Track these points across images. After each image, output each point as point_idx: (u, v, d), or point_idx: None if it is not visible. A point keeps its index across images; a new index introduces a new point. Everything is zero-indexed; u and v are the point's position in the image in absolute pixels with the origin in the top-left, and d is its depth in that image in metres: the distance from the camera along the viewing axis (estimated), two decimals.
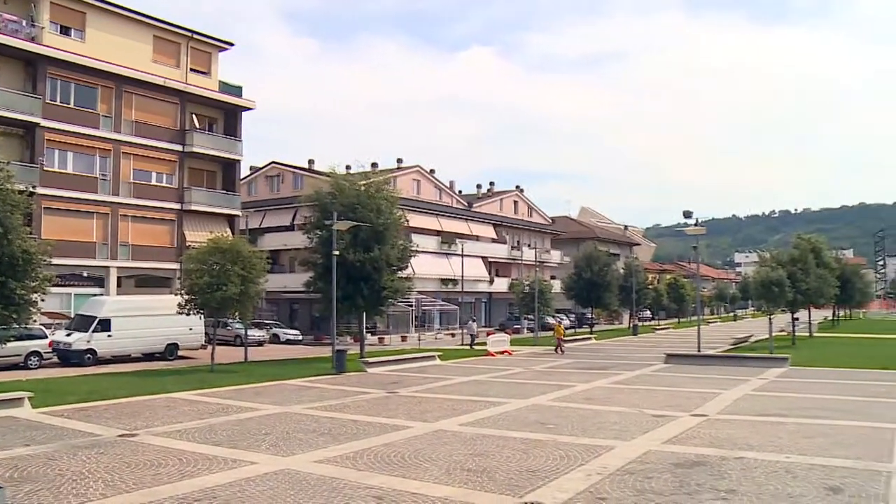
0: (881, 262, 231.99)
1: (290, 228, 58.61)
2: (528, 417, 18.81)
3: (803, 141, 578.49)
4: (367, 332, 43.67)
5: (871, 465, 13.09)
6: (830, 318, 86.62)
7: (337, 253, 32.47)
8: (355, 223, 33.35)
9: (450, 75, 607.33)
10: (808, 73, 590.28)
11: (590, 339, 55.36)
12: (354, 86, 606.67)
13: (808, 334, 57.62)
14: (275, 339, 51.74)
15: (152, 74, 44.85)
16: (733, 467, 12.95)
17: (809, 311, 58.03)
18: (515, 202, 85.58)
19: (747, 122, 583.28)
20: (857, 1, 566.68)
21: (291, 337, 53.01)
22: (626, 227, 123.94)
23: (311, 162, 68.57)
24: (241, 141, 50.62)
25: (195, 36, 47.97)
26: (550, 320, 68.17)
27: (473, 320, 51.87)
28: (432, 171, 73.26)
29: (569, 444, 14.98)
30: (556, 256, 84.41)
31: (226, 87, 49.98)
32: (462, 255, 59.69)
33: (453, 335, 59.13)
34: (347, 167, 42.95)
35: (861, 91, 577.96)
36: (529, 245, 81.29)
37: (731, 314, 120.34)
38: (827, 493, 11.29)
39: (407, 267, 39.13)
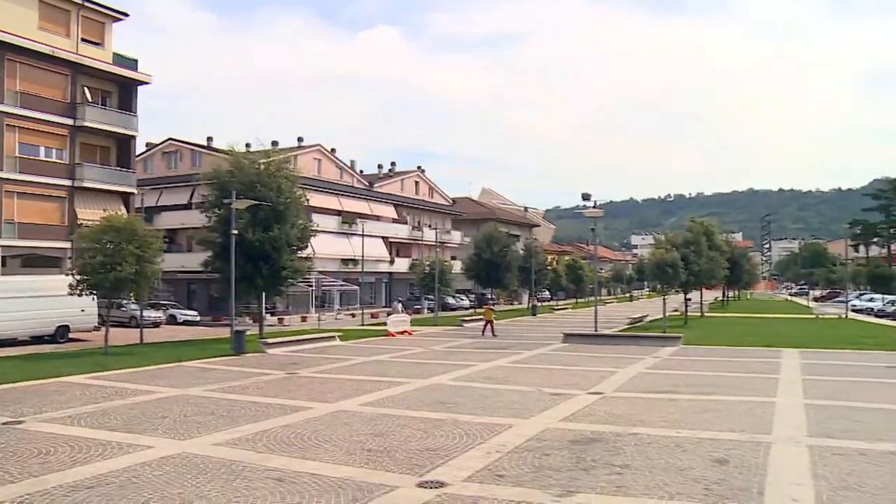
0: (767, 246, 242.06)
1: (188, 207, 57.18)
2: (429, 397, 18.95)
3: (696, 127, 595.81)
4: (266, 313, 43.14)
5: (754, 438, 13.73)
6: (720, 298, 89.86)
7: (236, 232, 31.95)
8: (255, 202, 32.85)
9: (354, 54, 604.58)
10: (701, 62, 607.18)
11: None
12: (256, 62, 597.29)
13: (699, 314, 59.63)
14: (172, 321, 50.66)
15: (39, 43, 42.58)
16: (628, 443, 13.35)
17: (701, 292, 60.12)
18: (417, 182, 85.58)
19: (644, 107, 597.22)
20: None
21: (189, 318, 52.02)
22: (526, 208, 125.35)
23: (209, 139, 66.99)
24: (136, 116, 48.91)
25: (86, 4, 45.85)
26: (450, 300, 68.71)
27: (399, 301, 51.54)
28: (333, 151, 72.59)
29: (469, 423, 15.16)
30: (456, 237, 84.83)
31: (120, 60, 48.12)
32: (363, 236, 59.35)
33: (354, 315, 58.92)
34: (247, 145, 42.22)
35: (749, 79, 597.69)
36: (430, 225, 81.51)
37: (628, 295, 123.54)
38: (714, 464, 11.80)
39: (307, 247, 38.77)
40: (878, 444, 13.35)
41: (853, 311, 66.20)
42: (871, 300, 73.55)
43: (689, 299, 55.78)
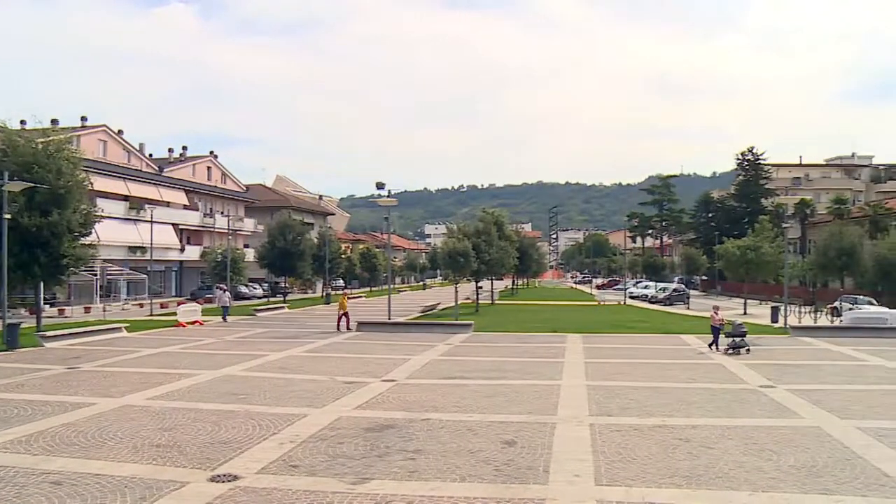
0: (554, 236, 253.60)
1: None
2: (221, 388, 18.50)
3: (489, 119, 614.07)
4: (45, 304, 40.50)
5: (541, 419, 14.45)
6: (510, 286, 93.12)
7: (8, 216, 29.73)
8: (31, 184, 30.67)
9: (145, 31, 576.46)
10: (494, 57, 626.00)
11: (283, 307, 55.18)
12: (37, 34, 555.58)
13: (490, 302, 61.57)
14: None
15: None
16: (420, 428, 13.65)
17: (492, 281, 62.07)
18: (209, 168, 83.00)
19: (440, 98, 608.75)
20: None
21: None
22: (320, 196, 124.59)
23: None
24: None
25: None
26: (243, 289, 67.19)
27: (224, 290, 49.26)
28: (120, 132, 68.97)
29: (262, 414, 14.96)
30: (249, 224, 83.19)
31: None
32: (152, 222, 56.83)
33: (142, 306, 56.45)
34: (22, 122, 39.37)
35: (539, 76, 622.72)
36: (223, 212, 79.45)
37: (421, 283, 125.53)
38: (503, 446, 12.31)
39: (90, 233, 36.60)
40: (649, 419, 14.62)
41: (631, 297, 70.75)
42: (646, 287, 78.97)
43: (481, 287, 57.54)
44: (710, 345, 27.78)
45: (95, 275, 53.85)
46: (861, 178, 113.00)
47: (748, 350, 26.23)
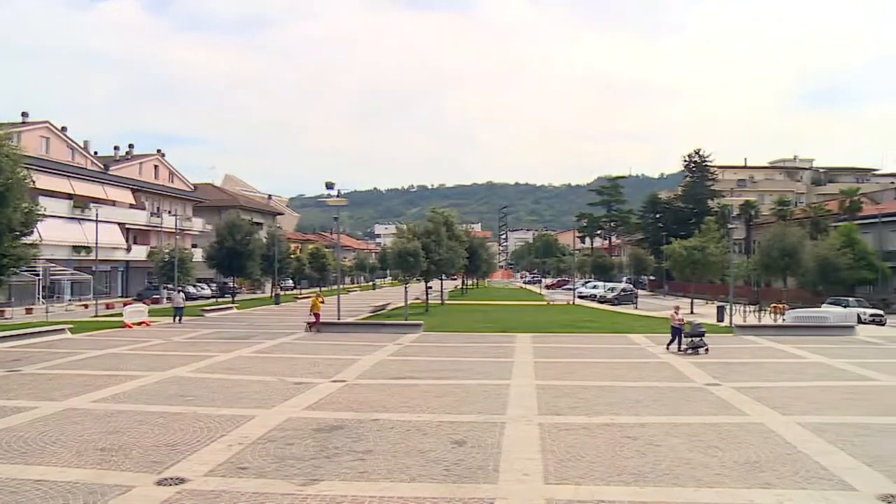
0: (504, 236, 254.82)
1: None
2: (168, 390, 18.23)
3: (439, 119, 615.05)
4: None
5: (490, 419, 14.51)
6: (460, 286, 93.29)
7: None
8: None
9: (89, 26, 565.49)
10: (439, 56, 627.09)
11: (232, 308, 54.61)
12: None
13: (440, 302, 61.60)
14: None
15: None
16: (370, 429, 13.61)
17: (442, 280, 62.07)
18: (156, 166, 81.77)
19: (387, 98, 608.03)
20: None
21: None
22: (270, 196, 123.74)
23: None
24: None
25: None
26: (191, 290, 66.29)
27: (179, 291, 48.03)
28: (64, 129, 67.57)
29: (210, 416, 14.79)
30: (198, 224, 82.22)
31: None
32: (97, 221, 55.81)
33: (87, 306, 55.42)
34: None
35: (486, 77, 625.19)
36: (170, 212, 78.29)
37: (371, 283, 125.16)
38: (453, 446, 12.34)
39: (32, 232, 35.79)
40: (597, 417, 14.80)
41: (580, 297, 71.26)
42: (594, 287, 79.69)
43: (430, 287, 57.54)
44: (668, 344, 27.79)
45: (38, 275, 52.84)
46: (803, 181, 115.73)
47: (707, 350, 26.38)
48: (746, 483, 10.37)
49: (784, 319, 42.75)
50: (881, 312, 47.07)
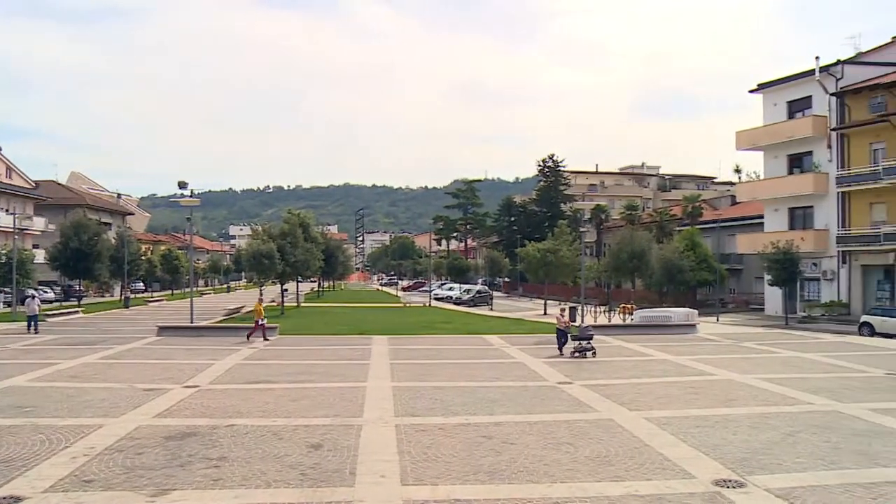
0: (360, 238, 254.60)
1: None
2: (2, 401, 17.11)
3: (297, 121, 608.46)
4: None
5: (347, 421, 14.47)
6: (316, 289, 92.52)
7: None
8: None
9: None
10: (298, 57, 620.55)
11: (77, 312, 52.16)
12: None
13: (296, 304, 60.89)
14: None
15: None
16: (224, 435, 13.30)
17: (297, 283, 61.39)
18: None
19: (242, 97, 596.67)
20: None
21: None
22: (119, 195, 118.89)
23: None
24: None
25: None
26: (30, 293, 62.98)
27: (34, 297, 42.40)
28: None
29: (51, 427, 14.00)
30: (39, 223, 78.06)
31: None
32: None
33: None
34: None
35: (343, 79, 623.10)
36: (8, 210, 74.00)
37: (225, 286, 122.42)
38: (309, 449, 12.22)
39: None
40: (453, 417, 15.02)
41: (436, 299, 71.91)
42: (450, 289, 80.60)
43: (286, 290, 56.81)
44: (560, 348, 27.07)
45: None
46: (650, 187, 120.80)
47: (594, 353, 26.06)
48: (597, 477, 10.76)
49: (632, 319, 44.52)
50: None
